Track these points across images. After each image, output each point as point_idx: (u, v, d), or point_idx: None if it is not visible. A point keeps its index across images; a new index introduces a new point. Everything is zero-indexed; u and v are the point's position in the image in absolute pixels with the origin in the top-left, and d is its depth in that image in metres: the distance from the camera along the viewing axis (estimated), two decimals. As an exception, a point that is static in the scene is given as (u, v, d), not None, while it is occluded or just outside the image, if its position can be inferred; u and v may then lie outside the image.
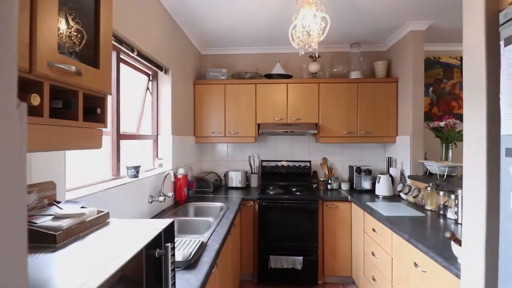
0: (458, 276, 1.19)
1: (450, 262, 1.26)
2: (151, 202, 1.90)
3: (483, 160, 1.02)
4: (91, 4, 0.88)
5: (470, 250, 1.07)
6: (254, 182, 3.13)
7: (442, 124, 2.45)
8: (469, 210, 1.10)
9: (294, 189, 2.84)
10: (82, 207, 0.90)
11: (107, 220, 0.90)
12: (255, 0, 2.17)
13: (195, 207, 2.33)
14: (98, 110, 0.88)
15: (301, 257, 2.56)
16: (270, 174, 3.16)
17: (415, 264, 1.53)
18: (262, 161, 3.21)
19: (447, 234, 1.22)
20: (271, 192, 2.73)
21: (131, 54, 1.72)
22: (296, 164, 3.16)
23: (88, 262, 0.63)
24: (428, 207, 2.15)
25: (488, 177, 1.01)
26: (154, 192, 1.97)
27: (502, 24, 0.94)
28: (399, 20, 2.54)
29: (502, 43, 0.93)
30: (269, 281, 2.63)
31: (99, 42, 0.89)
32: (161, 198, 1.92)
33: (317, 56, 2.96)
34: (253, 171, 3.18)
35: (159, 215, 2.00)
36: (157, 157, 2.29)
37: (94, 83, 0.86)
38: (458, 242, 1.23)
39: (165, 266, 0.80)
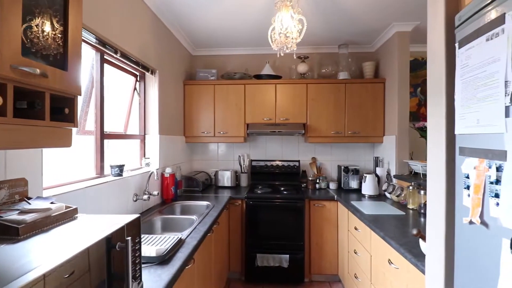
0: (423, 272, 1.22)
1: (418, 259, 1.29)
2: (135, 201, 1.94)
3: (443, 158, 1.06)
4: (61, 7, 0.92)
5: (432, 245, 1.10)
6: (244, 181, 3.17)
7: (426, 124, 2.47)
8: (432, 207, 1.13)
9: (282, 189, 2.88)
10: (52, 203, 0.94)
11: (75, 216, 0.94)
12: (240, 2, 2.21)
13: (182, 205, 2.37)
14: (66, 110, 0.92)
15: (288, 255, 2.59)
16: (259, 173, 3.20)
17: (389, 261, 1.57)
18: (252, 160, 3.24)
19: (414, 231, 1.26)
20: (258, 191, 2.76)
21: (115, 56, 1.76)
22: (285, 163, 3.19)
23: (46, 252, 0.67)
24: (410, 206, 2.17)
25: (447, 175, 1.05)
26: (139, 190, 2.02)
27: (457, 27, 0.97)
28: (385, 22, 2.57)
29: (456, 45, 0.96)
30: (256, 279, 2.67)
31: (68, 45, 0.92)
32: (145, 197, 1.97)
33: (300, 57, 3.00)
34: (243, 171, 3.22)
35: (144, 213, 2.04)
36: (144, 156, 2.33)
37: (61, 85, 0.89)
38: (425, 238, 1.26)
39: (126, 259, 0.84)
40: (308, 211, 2.69)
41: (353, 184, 2.91)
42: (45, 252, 0.67)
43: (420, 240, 1.29)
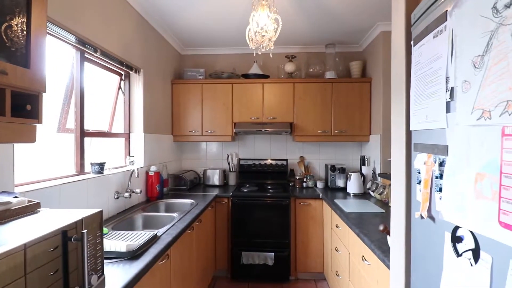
0: (388, 267, 1.23)
1: (386, 254, 1.31)
2: (117, 198, 1.97)
3: (403, 154, 1.07)
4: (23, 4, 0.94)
5: (395, 240, 1.11)
6: (232, 180, 3.19)
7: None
8: (394, 202, 1.15)
9: (269, 187, 2.89)
10: (15, 197, 0.96)
11: (37, 210, 0.97)
12: (224, 3, 2.23)
13: (166, 203, 2.39)
14: (28, 107, 0.95)
15: (272, 253, 2.61)
16: (247, 172, 3.22)
17: (363, 258, 1.58)
18: (240, 159, 3.26)
19: (381, 227, 1.27)
20: (245, 190, 2.78)
21: (94, 55, 1.79)
22: (273, 162, 3.21)
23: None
24: (391, 203, 2.18)
25: (406, 171, 1.06)
26: (121, 188, 2.04)
27: (413, 24, 0.98)
28: (369, 21, 2.58)
29: (412, 42, 0.98)
30: (242, 277, 2.69)
31: (30, 42, 0.94)
32: (126, 194, 1.99)
33: (287, 56, 3.01)
34: (231, 170, 3.24)
35: (127, 210, 2.07)
36: (129, 154, 2.35)
37: (23, 82, 0.91)
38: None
39: (82, 252, 0.86)
40: (294, 209, 2.70)
41: (340, 183, 2.92)
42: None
43: (388, 236, 1.31)
